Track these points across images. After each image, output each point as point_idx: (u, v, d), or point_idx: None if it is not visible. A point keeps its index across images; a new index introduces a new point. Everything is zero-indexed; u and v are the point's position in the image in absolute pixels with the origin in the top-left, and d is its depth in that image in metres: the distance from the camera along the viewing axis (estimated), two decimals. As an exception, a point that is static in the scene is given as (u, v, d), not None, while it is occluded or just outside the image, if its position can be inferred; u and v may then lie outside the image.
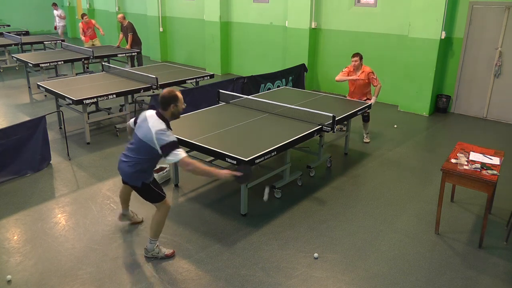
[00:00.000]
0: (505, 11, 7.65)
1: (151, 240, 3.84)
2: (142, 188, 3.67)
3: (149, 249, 3.87)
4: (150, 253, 3.87)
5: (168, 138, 3.38)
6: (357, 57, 6.57)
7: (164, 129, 3.43)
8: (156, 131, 3.41)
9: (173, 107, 3.52)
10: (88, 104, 6.49)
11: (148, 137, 3.44)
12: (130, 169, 3.60)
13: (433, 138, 7.26)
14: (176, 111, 3.56)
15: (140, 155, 3.56)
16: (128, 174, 3.65)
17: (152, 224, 3.81)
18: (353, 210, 4.80)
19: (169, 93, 3.52)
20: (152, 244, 3.85)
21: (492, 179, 3.90)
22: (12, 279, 3.58)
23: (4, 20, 18.55)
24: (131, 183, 3.70)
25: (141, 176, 3.63)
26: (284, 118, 5.35)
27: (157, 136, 3.39)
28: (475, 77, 8.28)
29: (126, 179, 3.74)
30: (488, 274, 3.74)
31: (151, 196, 3.74)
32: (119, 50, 10.70)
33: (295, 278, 3.65)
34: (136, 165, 3.58)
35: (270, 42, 11.10)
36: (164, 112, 3.53)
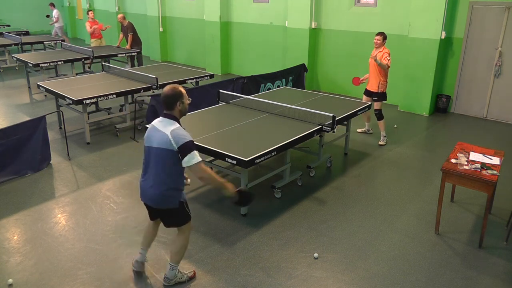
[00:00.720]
0: (505, 11, 7.65)
1: (172, 267, 3.45)
2: (179, 209, 3.25)
3: (171, 276, 3.47)
4: (173, 281, 3.49)
5: (186, 137, 3.06)
6: (379, 36, 6.56)
7: (179, 127, 3.12)
8: (171, 131, 3.06)
9: (180, 104, 3.17)
10: (88, 104, 6.49)
11: (165, 141, 3.06)
12: (160, 190, 3.17)
13: (433, 138, 7.26)
14: (183, 108, 3.21)
15: (164, 169, 3.14)
16: (159, 197, 3.20)
17: (176, 248, 3.42)
18: (353, 210, 4.80)
19: (172, 91, 3.15)
20: (173, 271, 3.46)
21: (492, 179, 3.90)
22: (15, 280, 3.57)
23: (4, 20, 18.56)
24: (166, 206, 3.23)
25: (175, 194, 3.21)
26: (284, 118, 5.35)
27: (173, 136, 3.05)
28: (475, 77, 8.28)
29: (159, 204, 3.25)
30: (488, 274, 3.74)
31: (183, 216, 3.34)
32: (119, 50, 10.70)
33: (295, 278, 3.65)
34: (167, 183, 3.15)
35: (270, 42, 11.10)
36: (171, 111, 3.17)
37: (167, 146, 3.07)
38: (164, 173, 3.15)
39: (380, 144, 6.78)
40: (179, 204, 3.24)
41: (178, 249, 3.43)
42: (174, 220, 3.38)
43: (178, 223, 3.39)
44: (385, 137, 6.83)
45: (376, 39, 6.57)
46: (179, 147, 3.04)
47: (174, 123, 3.15)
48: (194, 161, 3.04)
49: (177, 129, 3.10)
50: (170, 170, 3.14)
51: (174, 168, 3.14)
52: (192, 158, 3.03)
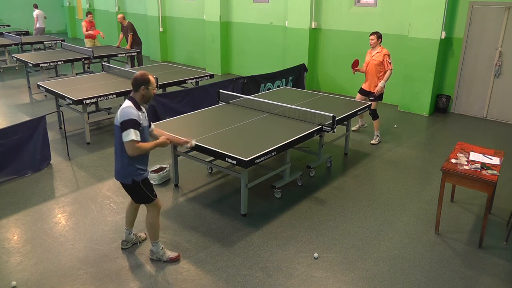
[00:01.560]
0: (505, 11, 7.65)
1: (152, 243, 3.82)
2: (132, 187, 3.57)
3: (155, 251, 3.83)
4: (155, 255, 3.85)
5: (128, 116, 3.33)
6: (373, 35, 6.52)
7: (127, 107, 3.38)
8: (120, 109, 3.40)
9: (143, 89, 3.45)
10: (88, 104, 6.49)
11: (117, 118, 3.41)
12: (118, 165, 3.54)
13: (433, 138, 7.26)
14: (147, 94, 3.49)
15: (118, 145, 3.48)
16: (117, 172, 3.58)
17: (147, 226, 3.77)
18: (353, 210, 4.80)
19: (141, 76, 3.47)
20: (156, 247, 3.81)
21: (492, 179, 3.90)
22: (15, 280, 3.58)
23: (4, 20, 18.56)
24: (121, 181, 3.60)
25: (129, 172, 3.50)
26: (284, 118, 5.35)
27: (120, 113, 3.37)
28: (475, 77, 8.28)
29: (116, 177, 3.63)
30: (488, 274, 3.74)
31: (140, 196, 3.66)
32: (119, 50, 10.70)
33: (295, 278, 3.65)
34: (123, 160, 3.48)
35: (270, 42, 11.10)
36: (135, 94, 3.50)
37: (117, 123, 3.41)
38: (118, 149, 3.48)
39: (372, 143, 6.77)
40: (132, 182, 3.52)
41: (148, 228, 3.77)
42: (133, 197, 3.72)
43: (138, 200, 3.72)
44: (378, 136, 6.83)
45: (370, 38, 6.55)
46: (120, 123, 3.35)
47: (128, 102, 3.44)
48: (126, 138, 3.32)
49: (126, 108, 3.38)
50: (122, 146, 3.42)
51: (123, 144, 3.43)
52: (126, 135, 3.32)
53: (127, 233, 4.02)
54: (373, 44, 6.54)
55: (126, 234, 4.02)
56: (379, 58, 6.49)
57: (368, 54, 6.72)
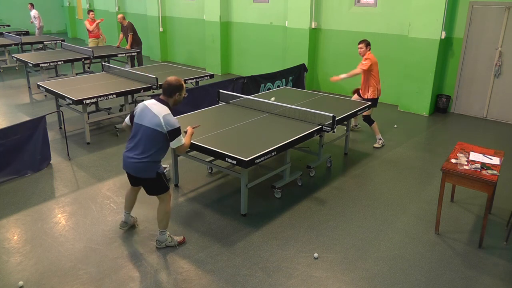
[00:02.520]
0: (505, 11, 7.65)
1: (161, 232, 3.95)
2: (156, 179, 3.72)
3: (162, 240, 3.97)
4: (164, 243, 3.98)
5: (176, 124, 3.54)
6: (361, 44, 6.43)
7: (170, 113, 3.56)
8: (163, 116, 3.52)
9: (178, 95, 3.65)
10: (88, 104, 6.49)
11: (156, 123, 3.53)
12: (142, 163, 3.63)
13: (433, 138, 7.26)
14: (179, 100, 3.70)
15: (149, 145, 3.60)
16: (140, 168, 3.66)
17: (160, 216, 3.88)
18: (353, 210, 4.80)
19: (176, 81, 3.62)
20: (163, 235, 3.96)
21: (492, 179, 3.90)
22: (15, 280, 3.58)
23: (4, 20, 18.56)
24: (145, 176, 3.71)
25: (153, 166, 3.68)
26: (284, 118, 5.35)
27: (165, 121, 3.51)
28: (475, 77, 8.28)
29: (139, 174, 3.72)
30: (488, 274, 3.74)
31: (162, 186, 3.80)
32: (119, 50, 10.70)
33: (295, 278, 3.65)
34: (148, 157, 3.61)
35: (270, 42, 11.10)
36: (168, 99, 3.64)
37: (157, 128, 3.54)
38: (150, 149, 3.61)
39: (375, 146, 6.65)
40: (156, 175, 3.71)
41: (161, 217, 3.90)
42: (153, 188, 3.84)
43: (157, 191, 3.84)
44: (380, 139, 6.69)
45: (359, 47, 6.45)
46: (168, 131, 3.54)
47: (167, 109, 3.60)
48: (179, 143, 3.63)
49: (169, 115, 3.56)
50: (155, 147, 3.62)
51: (159, 146, 3.63)
52: (178, 141, 3.61)
53: (127, 216, 4.24)
54: (362, 52, 6.43)
55: (126, 216, 4.24)
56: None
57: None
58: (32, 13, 14.62)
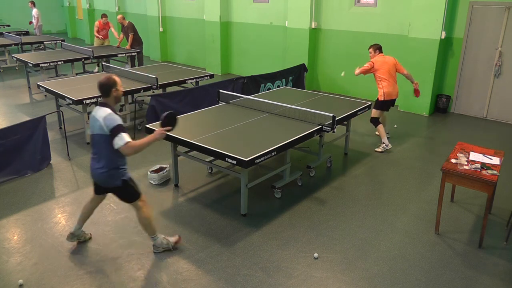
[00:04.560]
0: (505, 11, 7.65)
1: (153, 238, 3.91)
2: (123, 186, 3.66)
3: (157, 244, 3.93)
4: (161, 248, 3.94)
5: (114, 122, 3.44)
6: (370, 49, 6.46)
7: (110, 113, 3.48)
8: (103, 117, 3.46)
9: (114, 91, 3.57)
10: (88, 104, 6.48)
11: (99, 127, 3.48)
12: (104, 170, 3.58)
13: (433, 138, 7.26)
14: (118, 95, 3.62)
15: (105, 151, 3.54)
16: (103, 176, 3.62)
17: (142, 223, 3.83)
18: (353, 210, 4.80)
19: (107, 80, 3.56)
20: (156, 240, 3.91)
21: (492, 179, 3.90)
22: (15, 280, 3.58)
23: (4, 20, 18.55)
24: (111, 185, 3.66)
25: (117, 173, 3.62)
26: (284, 118, 5.35)
27: (105, 122, 3.45)
28: (475, 77, 8.28)
29: (104, 183, 3.68)
30: (488, 274, 3.74)
31: (130, 193, 3.74)
32: (119, 50, 10.70)
33: (295, 278, 3.65)
34: (108, 164, 3.56)
35: (270, 42, 11.10)
36: (107, 99, 3.58)
37: (102, 132, 3.49)
38: (103, 156, 3.56)
39: (376, 150, 6.47)
40: (122, 183, 3.65)
41: (144, 224, 3.82)
42: (123, 197, 3.76)
43: (128, 198, 3.76)
44: (383, 143, 6.48)
45: (369, 51, 6.51)
46: (110, 130, 3.44)
47: (106, 110, 3.51)
48: (122, 142, 3.40)
49: (108, 115, 3.47)
50: (108, 153, 3.53)
51: (111, 151, 3.51)
52: (121, 139, 3.40)
53: (77, 227, 4.04)
54: (372, 57, 6.45)
55: (76, 228, 4.04)
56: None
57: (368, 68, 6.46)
58: (33, 12, 14.64)
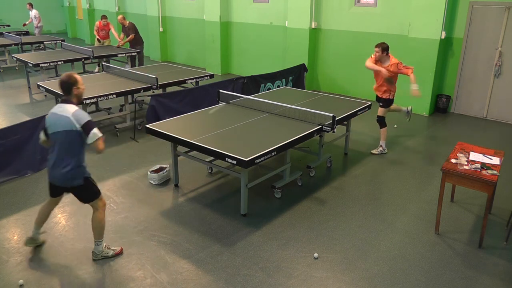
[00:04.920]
0: (505, 11, 7.65)
1: (97, 242, 3.80)
2: (85, 185, 3.62)
3: (98, 251, 3.82)
4: (100, 255, 3.82)
5: (86, 117, 3.44)
6: (377, 48, 6.00)
7: (77, 110, 3.46)
8: (73, 113, 3.42)
9: (76, 89, 3.55)
10: (88, 104, 6.49)
11: (67, 123, 3.41)
12: (68, 169, 3.50)
13: (433, 138, 7.26)
14: (79, 93, 3.60)
15: (70, 150, 3.48)
16: (66, 176, 3.53)
17: (94, 225, 3.75)
18: (353, 210, 4.80)
19: (68, 77, 3.53)
20: (99, 246, 3.81)
21: (492, 179, 3.90)
22: (15, 280, 3.58)
23: (4, 20, 18.55)
24: (73, 184, 3.59)
25: (80, 171, 3.58)
26: (284, 118, 5.35)
27: (75, 117, 3.40)
28: (475, 77, 8.28)
29: (67, 183, 3.59)
30: (488, 274, 3.74)
31: (92, 192, 3.70)
32: (119, 50, 10.70)
33: (295, 278, 3.65)
34: (72, 162, 3.50)
35: (270, 42, 11.10)
36: (69, 97, 3.55)
37: (70, 127, 3.41)
38: (69, 154, 3.50)
39: (373, 152, 6.37)
40: (84, 180, 3.61)
41: (95, 225, 3.76)
42: (84, 196, 3.72)
43: (88, 197, 3.72)
44: (381, 147, 6.38)
45: (375, 50, 6.04)
46: (82, 126, 3.41)
47: (72, 106, 3.50)
48: (96, 137, 3.44)
49: (78, 111, 3.47)
50: (74, 150, 3.51)
51: (77, 147, 3.51)
52: (95, 134, 3.43)
53: (36, 231, 3.95)
54: (379, 57, 6.07)
55: (34, 232, 3.95)
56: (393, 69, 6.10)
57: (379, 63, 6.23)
58: (32, 13, 14.54)
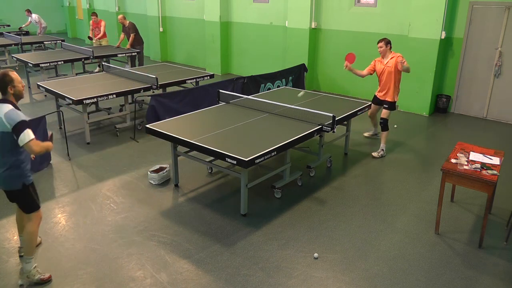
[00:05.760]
0: (505, 11, 7.65)
1: (26, 259, 3.48)
2: (23, 192, 3.40)
3: (26, 270, 3.49)
4: (26, 275, 3.49)
5: (18, 117, 3.24)
6: (380, 43, 6.06)
7: (12, 109, 3.27)
8: (4, 114, 3.23)
9: (11, 88, 3.35)
10: (88, 104, 6.49)
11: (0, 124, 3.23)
12: (2, 170, 3.33)
13: (433, 138, 7.26)
14: (17, 91, 3.39)
15: (4, 150, 3.30)
16: (3, 180, 3.36)
17: (25, 237, 3.50)
18: (353, 210, 4.80)
19: (2, 77, 3.33)
20: (29, 264, 3.48)
21: (492, 179, 3.90)
22: (15, 280, 3.58)
23: (4, 20, 18.55)
24: (10, 188, 3.39)
25: (17, 174, 3.36)
26: (284, 118, 5.35)
27: (6, 118, 3.22)
28: (475, 77, 8.28)
29: (5, 187, 3.40)
30: (488, 274, 3.74)
31: (28, 202, 3.47)
32: (119, 50, 10.70)
33: (295, 278, 3.65)
34: (8, 163, 3.32)
35: (270, 42, 11.10)
36: (5, 96, 3.37)
37: (2, 129, 3.24)
38: (4, 155, 3.31)
39: (374, 155, 6.26)
40: (22, 187, 3.40)
41: (27, 239, 3.50)
42: (21, 204, 3.51)
43: (25, 208, 3.50)
44: (382, 150, 6.28)
45: (379, 46, 6.08)
46: (12, 127, 3.21)
47: (7, 106, 3.29)
48: (28, 138, 3.22)
49: (10, 111, 3.25)
50: (8, 151, 3.31)
51: (11, 149, 3.31)
52: (26, 136, 3.22)
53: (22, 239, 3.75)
54: (383, 51, 6.08)
55: (21, 240, 3.79)
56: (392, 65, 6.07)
57: (379, 62, 6.29)
58: (32, 18, 14.44)
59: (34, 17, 14.43)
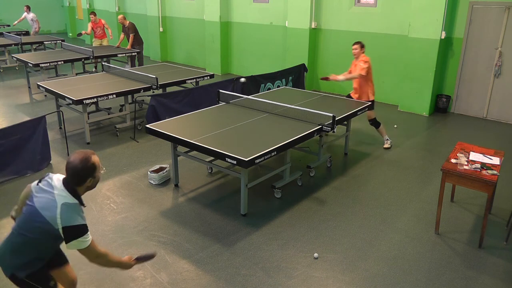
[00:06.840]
0: (505, 11, 7.65)
1: None
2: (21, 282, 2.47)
3: None
4: None
5: (77, 220, 2.43)
6: (355, 45, 6.21)
7: (75, 205, 2.48)
8: (62, 204, 2.42)
9: (91, 180, 2.53)
10: (88, 104, 6.49)
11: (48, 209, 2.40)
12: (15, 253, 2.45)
13: (433, 138, 7.26)
14: (95, 183, 2.59)
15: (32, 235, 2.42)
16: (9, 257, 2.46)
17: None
18: (353, 210, 4.80)
19: (83, 164, 2.48)
20: None
21: (492, 179, 3.90)
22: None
23: (4, 20, 18.55)
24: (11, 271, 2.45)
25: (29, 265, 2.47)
26: (284, 118, 5.35)
27: (62, 212, 2.38)
28: (475, 77, 8.28)
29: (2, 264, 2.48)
30: (488, 274, 3.74)
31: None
32: (119, 50, 10.70)
33: (295, 278, 3.65)
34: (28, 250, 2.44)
35: (270, 42, 11.10)
36: (77, 187, 2.53)
37: (48, 218, 2.37)
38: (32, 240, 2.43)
39: (385, 147, 6.59)
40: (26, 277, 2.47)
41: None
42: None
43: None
44: (388, 139, 6.63)
45: (353, 48, 6.22)
46: (64, 227, 2.38)
47: (71, 197, 2.48)
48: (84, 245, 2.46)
49: (73, 206, 2.46)
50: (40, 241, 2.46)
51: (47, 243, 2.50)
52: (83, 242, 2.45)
53: None
54: (356, 54, 6.25)
55: None
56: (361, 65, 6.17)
57: (353, 64, 6.42)
58: (30, 16, 14.39)
59: (31, 16, 14.37)
